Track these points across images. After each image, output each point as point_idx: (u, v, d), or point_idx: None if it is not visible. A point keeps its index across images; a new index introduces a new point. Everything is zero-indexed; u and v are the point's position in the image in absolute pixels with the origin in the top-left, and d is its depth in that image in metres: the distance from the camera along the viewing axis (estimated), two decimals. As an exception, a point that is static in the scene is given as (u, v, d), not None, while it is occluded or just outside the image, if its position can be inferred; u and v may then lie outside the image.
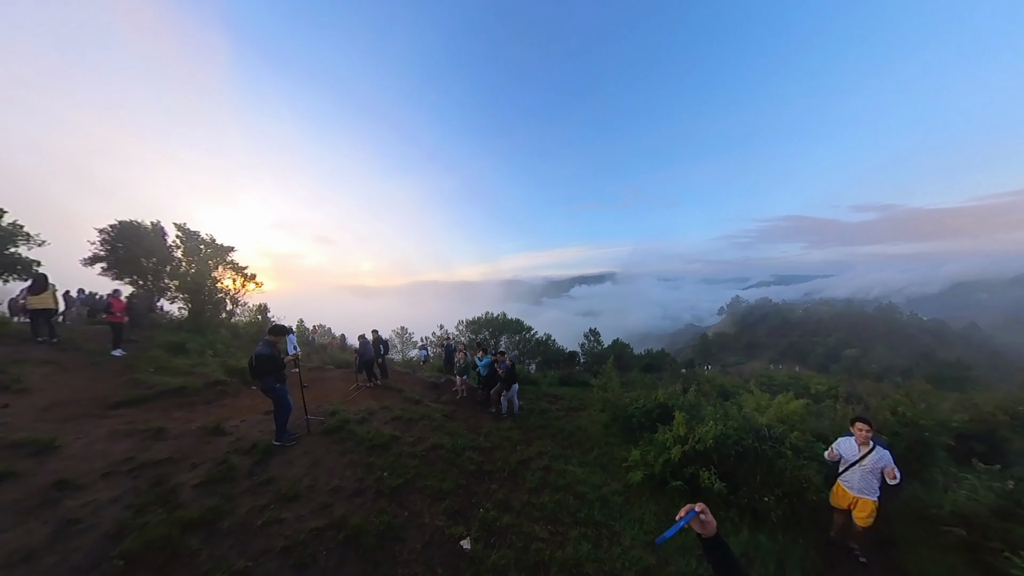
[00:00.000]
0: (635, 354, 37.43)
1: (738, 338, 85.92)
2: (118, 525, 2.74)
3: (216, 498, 3.25)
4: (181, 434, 4.49)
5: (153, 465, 3.69)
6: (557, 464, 4.91)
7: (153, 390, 6.03)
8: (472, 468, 4.56)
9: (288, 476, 3.78)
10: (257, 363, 4.37)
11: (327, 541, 2.87)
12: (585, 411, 8.08)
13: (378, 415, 6.17)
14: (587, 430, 6.56)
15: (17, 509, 2.81)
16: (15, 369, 5.48)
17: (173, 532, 2.70)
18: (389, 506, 3.46)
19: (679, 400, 6.01)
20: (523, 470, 4.69)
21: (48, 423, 4.30)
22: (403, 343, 31.27)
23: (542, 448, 5.48)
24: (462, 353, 9.60)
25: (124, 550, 2.48)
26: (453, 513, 3.53)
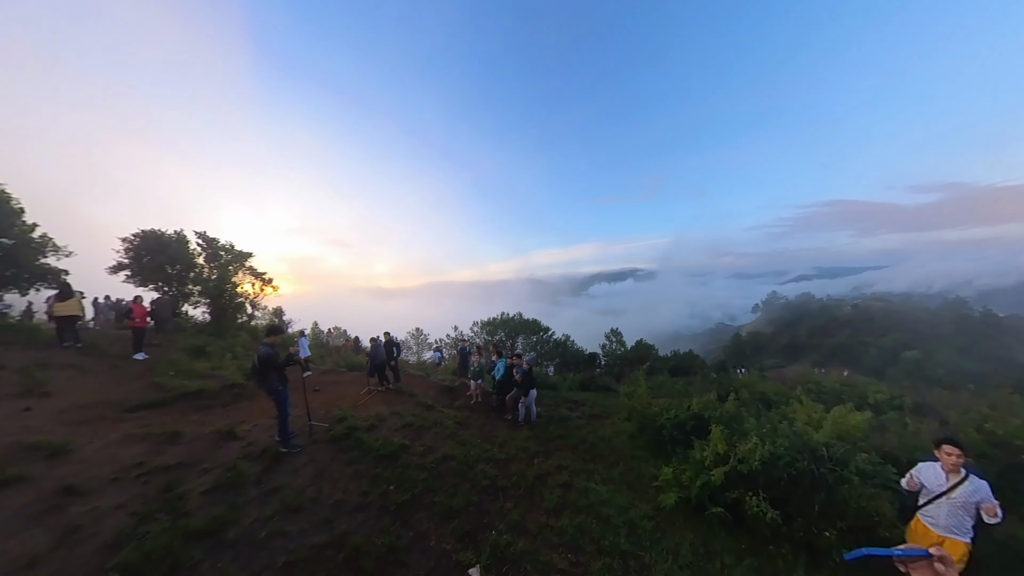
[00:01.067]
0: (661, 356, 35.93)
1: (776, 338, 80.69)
2: (119, 534, 2.69)
3: (223, 506, 3.19)
4: (195, 438, 4.54)
5: (163, 470, 3.71)
6: (578, 480, 4.60)
7: (171, 393, 6.23)
8: (485, 483, 4.32)
9: (294, 486, 3.69)
10: (260, 364, 4.36)
11: (327, 560, 2.72)
12: (609, 419, 7.70)
13: (388, 422, 6.04)
14: (611, 441, 6.22)
15: (25, 514, 2.84)
16: (40, 373, 5.79)
17: (175, 542, 2.62)
18: (393, 524, 3.27)
19: (716, 411, 5.50)
20: (540, 487, 4.41)
21: (65, 426, 4.45)
22: (418, 345, 31.70)
23: (562, 461, 5.18)
24: (477, 356, 9.42)
25: (121, 562, 2.41)
26: (462, 535, 3.30)
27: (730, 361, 44.15)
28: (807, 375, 11.68)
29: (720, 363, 36.13)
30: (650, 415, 6.10)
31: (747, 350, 63.64)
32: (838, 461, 3.73)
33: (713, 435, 4.25)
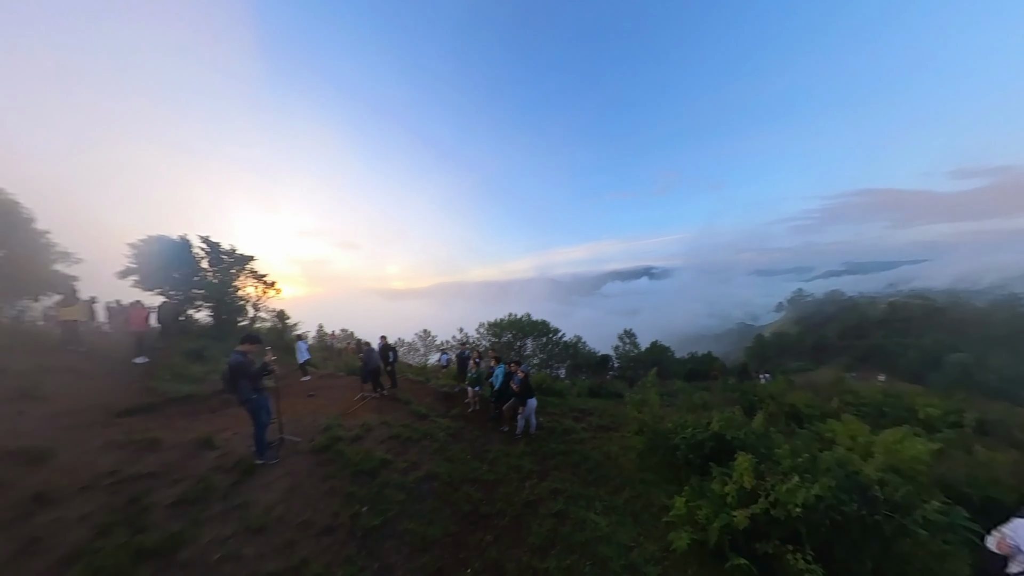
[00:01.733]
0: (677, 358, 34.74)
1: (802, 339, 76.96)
2: (76, 547, 2.75)
3: (184, 522, 3.21)
4: (173, 446, 4.63)
5: (135, 479, 3.79)
6: (575, 509, 4.19)
7: (162, 398, 6.46)
8: (467, 509, 4.06)
9: (262, 502, 3.69)
10: (231, 372, 4.32)
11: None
12: (617, 432, 7.24)
13: (375, 432, 5.98)
14: (618, 460, 5.73)
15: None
16: (38, 377, 6.08)
17: (125, 560, 2.64)
18: (359, 553, 3.15)
19: (741, 431, 4.70)
20: (529, 515, 4.04)
21: (54, 430, 4.64)
22: (426, 347, 31.98)
23: (558, 484, 4.78)
24: (475, 361, 9.32)
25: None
26: (433, 572, 3.08)
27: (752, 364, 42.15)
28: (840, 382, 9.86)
29: (741, 366, 34.67)
30: (662, 432, 5.42)
31: (770, 352, 61.03)
32: (898, 505, 3.05)
33: (738, 465, 3.60)
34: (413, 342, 30.75)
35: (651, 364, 32.09)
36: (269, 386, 5.17)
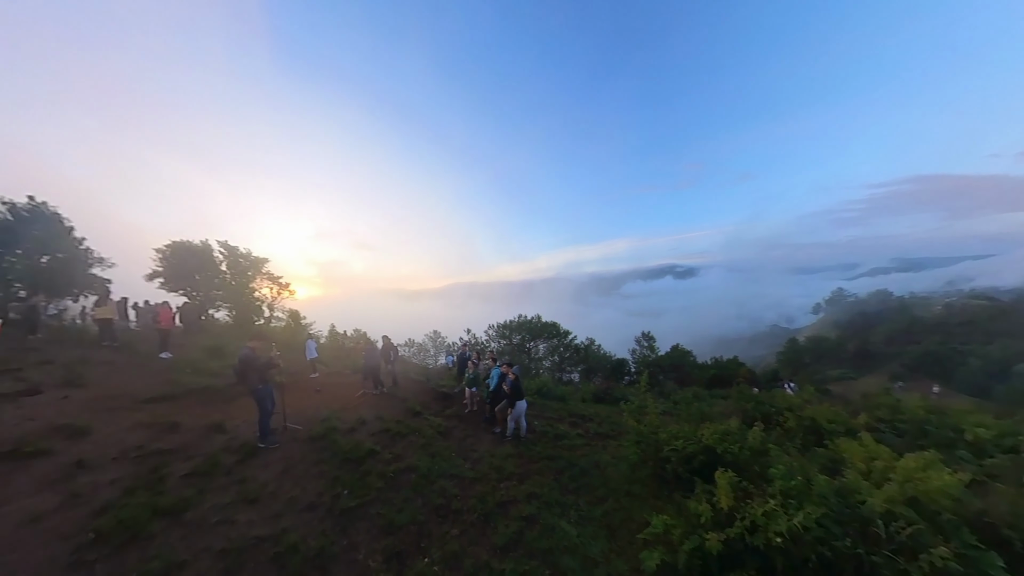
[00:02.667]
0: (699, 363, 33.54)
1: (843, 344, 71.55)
2: (106, 503, 3.44)
3: (192, 490, 3.87)
4: (190, 429, 5.41)
5: (156, 454, 4.53)
6: (547, 515, 4.20)
7: (182, 389, 7.36)
8: (439, 502, 4.28)
9: (259, 479, 4.30)
10: (240, 365, 5.06)
11: (259, 553, 3.15)
12: (616, 440, 7.18)
13: (368, 426, 6.55)
14: (606, 470, 5.65)
15: (43, 480, 3.71)
16: (79, 368, 7.12)
17: (143, 516, 3.29)
18: (332, 529, 3.58)
19: (735, 444, 4.38)
20: (499, 516, 4.13)
21: (91, 413, 5.51)
22: (435, 348, 32.88)
23: (536, 488, 4.81)
24: (473, 362, 9.69)
25: (98, 526, 3.12)
26: (393, 555, 3.33)
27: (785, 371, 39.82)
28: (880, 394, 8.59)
29: (771, 373, 33.08)
30: (654, 442, 5.12)
31: (806, 358, 57.35)
32: (903, 546, 2.67)
33: (719, 483, 3.34)
34: (423, 343, 31.67)
35: (670, 369, 31.31)
36: (277, 380, 5.85)
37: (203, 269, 14.16)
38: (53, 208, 11.33)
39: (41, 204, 11.12)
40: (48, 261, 11.17)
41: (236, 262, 15.03)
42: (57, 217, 11.33)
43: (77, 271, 11.58)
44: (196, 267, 13.88)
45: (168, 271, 13.11)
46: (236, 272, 14.96)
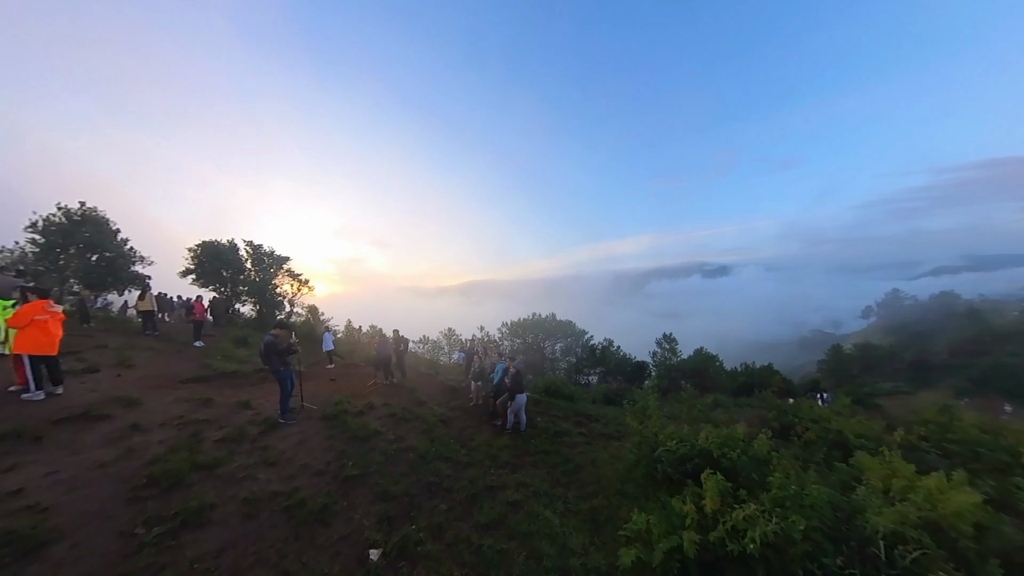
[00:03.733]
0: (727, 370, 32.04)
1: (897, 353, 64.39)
2: (155, 457, 4.23)
3: (222, 452, 4.62)
4: (222, 404, 6.29)
5: (195, 423, 5.36)
6: (533, 503, 4.45)
7: (214, 372, 8.41)
8: (432, 480, 4.71)
9: (278, 447, 5.03)
10: (265, 349, 5.88)
11: (273, 504, 3.79)
12: (618, 441, 7.40)
13: (376, 411, 7.21)
14: (601, 468, 5.86)
15: (106, 438, 4.57)
16: (128, 352, 8.34)
17: (184, 468, 4.04)
18: (336, 492, 4.18)
19: (735, 451, 4.28)
20: (486, 498, 4.45)
21: (140, 388, 6.49)
22: (450, 345, 33.85)
23: (527, 479, 5.12)
24: (478, 356, 10.23)
25: (149, 473, 3.90)
26: (384, 518, 3.79)
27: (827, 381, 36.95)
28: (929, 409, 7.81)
29: (812, 383, 30.84)
30: (648, 443, 5.19)
31: (852, 367, 52.78)
32: (907, 572, 2.50)
33: (706, 484, 3.35)
34: (437, 340, 32.67)
35: (693, 374, 30.41)
36: (296, 365, 6.60)
37: (230, 266, 15.58)
38: (101, 212, 12.92)
39: (91, 209, 12.72)
40: (97, 259, 12.76)
41: (260, 259, 16.41)
42: (105, 220, 12.92)
43: (122, 268, 13.15)
44: (224, 264, 15.31)
45: (199, 268, 14.59)
46: (260, 269, 16.34)
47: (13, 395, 5.33)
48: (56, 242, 11.71)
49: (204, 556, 3.02)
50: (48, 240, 11.61)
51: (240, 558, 3.06)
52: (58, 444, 4.31)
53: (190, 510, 3.44)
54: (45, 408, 5.11)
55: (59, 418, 4.84)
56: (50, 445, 4.27)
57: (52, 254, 11.77)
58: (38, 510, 3.24)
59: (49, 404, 5.26)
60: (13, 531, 2.93)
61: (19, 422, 4.56)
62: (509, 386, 7.27)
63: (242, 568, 2.97)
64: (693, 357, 32.38)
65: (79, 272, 12.51)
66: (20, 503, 3.29)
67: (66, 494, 3.50)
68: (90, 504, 3.41)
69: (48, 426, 4.62)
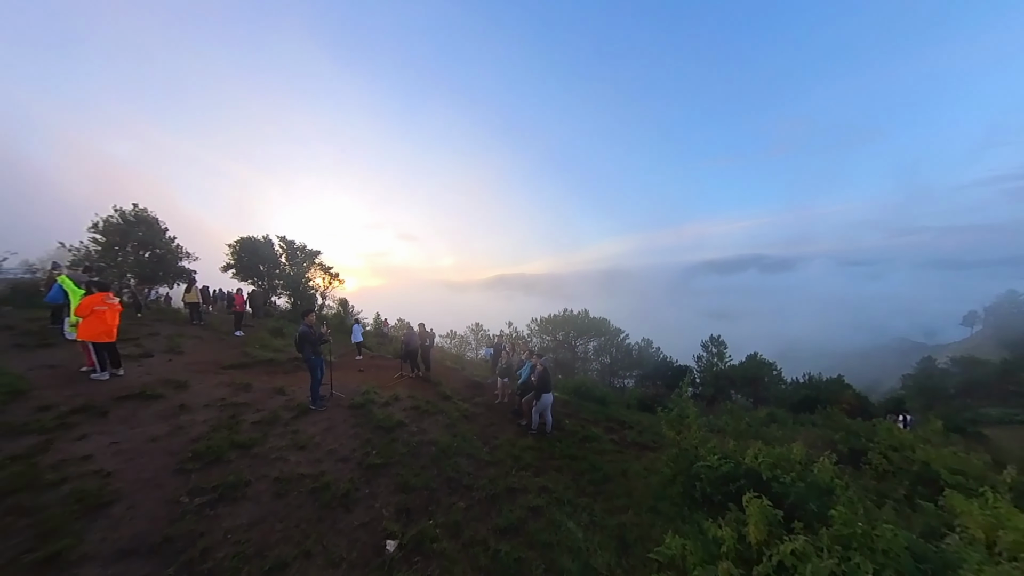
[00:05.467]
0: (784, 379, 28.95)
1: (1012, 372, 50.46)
2: (199, 435, 4.76)
3: (258, 433, 5.09)
4: (259, 390, 6.90)
5: (234, 406, 5.95)
6: (555, 511, 4.35)
7: (253, 360, 9.26)
8: (452, 475, 4.84)
9: (307, 432, 5.44)
10: (299, 340, 6.39)
11: (301, 485, 4.12)
12: (654, 453, 7.26)
13: (401, 402, 7.56)
14: (633, 480, 5.67)
15: (158, 415, 5.22)
16: (177, 340, 9.41)
17: (224, 445, 4.51)
18: (359, 479, 4.44)
19: (790, 475, 3.88)
20: (505, 500, 4.46)
21: (188, 373, 7.31)
22: (477, 340, 34.50)
23: (549, 483, 5.05)
24: (505, 352, 10.34)
25: (194, 448, 4.40)
26: (403, 510, 3.96)
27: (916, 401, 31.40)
28: None
29: (895, 401, 26.23)
30: (687, 456, 4.93)
31: (949, 387, 42.43)
32: None
33: (749, 509, 3.08)
34: (464, 335, 33.44)
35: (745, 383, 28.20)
36: (327, 358, 7.03)
37: (266, 261, 16.99)
38: (152, 213, 14.60)
39: (143, 210, 14.42)
40: (150, 256, 14.45)
41: (293, 254, 17.73)
42: (155, 220, 14.61)
43: (171, 264, 14.81)
44: (260, 259, 16.73)
45: (238, 263, 16.09)
46: (293, 263, 17.67)
47: (84, 375, 6.22)
48: (115, 241, 13.43)
49: (237, 528, 3.35)
50: (108, 239, 13.35)
51: (268, 533, 3.37)
52: (119, 418, 4.99)
53: (227, 484, 3.84)
54: (109, 387, 5.93)
55: (120, 396, 5.58)
56: (113, 419, 4.95)
57: (111, 252, 13.53)
58: (103, 475, 3.77)
59: (112, 384, 6.09)
60: (84, 490, 3.45)
61: (88, 398, 5.34)
62: (535, 384, 7.27)
63: (269, 543, 3.26)
64: (745, 363, 30.08)
65: (134, 268, 14.25)
66: (89, 467, 3.85)
67: (125, 462, 4.04)
68: (144, 472, 3.92)
69: (111, 402, 5.35)
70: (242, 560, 3.01)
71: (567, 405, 11.02)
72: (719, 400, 25.95)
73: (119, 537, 3.04)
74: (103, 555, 2.86)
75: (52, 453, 4.00)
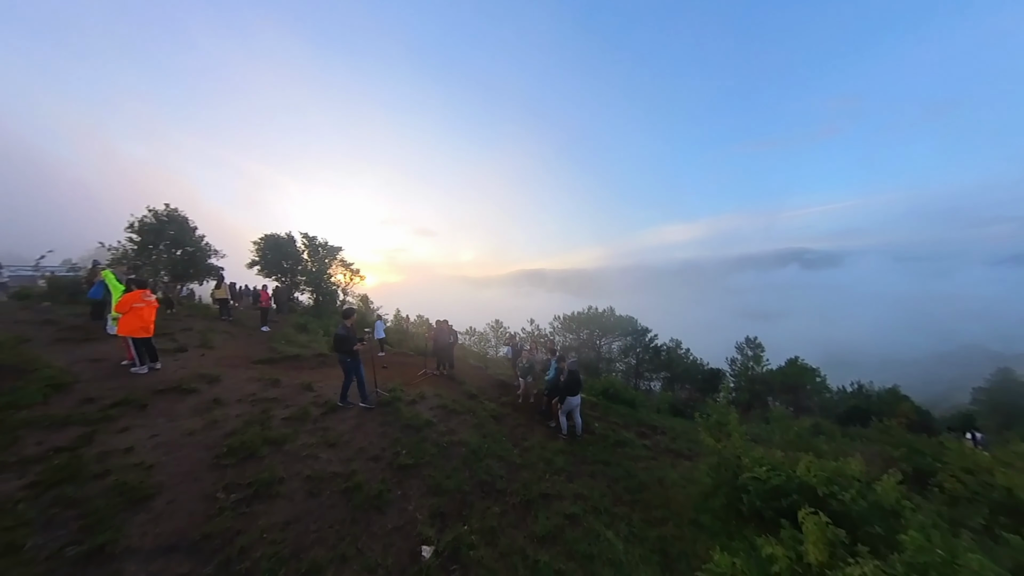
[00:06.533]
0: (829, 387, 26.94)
1: None
2: (233, 430, 4.87)
3: (289, 430, 5.16)
4: (287, 385, 7.06)
5: (264, 400, 6.09)
6: (592, 520, 4.29)
7: (280, 355, 9.55)
8: (484, 478, 4.80)
9: (337, 429, 5.48)
10: (335, 341, 6.42)
11: (333, 484, 4.11)
12: (690, 461, 7.08)
13: (428, 401, 7.57)
14: (671, 489, 5.54)
15: (194, 409, 5.40)
16: (209, 335, 9.82)
17: (257, 441, 4.59)
18: (391, 479, 4.41)
19: (850, 492, 3.60)
20: (541, 506, 4.41)
21: (220, 367, 7.58)
22: (497, 338, 34.52)
23: (585, 491, 4.98)
24: (528, 352, 10.22)
25: (229, 443, 4.49)
26: (436, 514, 3.92)
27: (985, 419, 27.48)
28: None
29: (962, 418, 23.21)
30: (730, 465, 4.72)
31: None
32: None
33: (806, 527, 2.93)
34: (484, 332, 33.50)
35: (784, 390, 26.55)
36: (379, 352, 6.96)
37: (289, 257, 17.59)
38: (182, 212, 15.38)
39: (174, 209, 15.22)
40: (181, 254, 15.25)
41: (315, 250, 18.28)
42: (185, 219, 15.39)
43: (200, 261, 15.57)
44: (284, 256, 17.35)
45: (263, 260, 16.76)
46: (315, 259, 18.22)
47: (124, 368, 6.55)
48: (149, 240, 14.26)
49: (272, 527, 3.36)
50: (143, 238, 14.18)
51: (303, 534, 3.36)
52: (158, 411, 5.20)
53: (262, 481, 3.88)
54: (148, 381, 6.21)
55: (158, 390, 5.83)
56: (152, 412, 5.16)
57: (147, 250, 14.37)
58: (144, 467, 3.89)
59: (151, 377, 6.38)
60: (126, 483, 3.56)
61: (129, 391, 5.59)
62: (562, 385, 7.18)
63: (304, 544, 3.24)
64: (784, 368, 28.39)
65: (167, 265, 15.09)
66: (131, 460, 3.99)
67: (164, 455, 4.16)
68: (182, 466, 4.02)
69: (151, 396, 5.59)
70: (278, 561, 2.99)
71: (595, 407, 10.83)
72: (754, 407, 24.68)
73: (159, 532, 3.09)
74: (144, 550, 2.91)
75: (95, 445, 4.18)
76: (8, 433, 4.16)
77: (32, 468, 3.66)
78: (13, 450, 3.91)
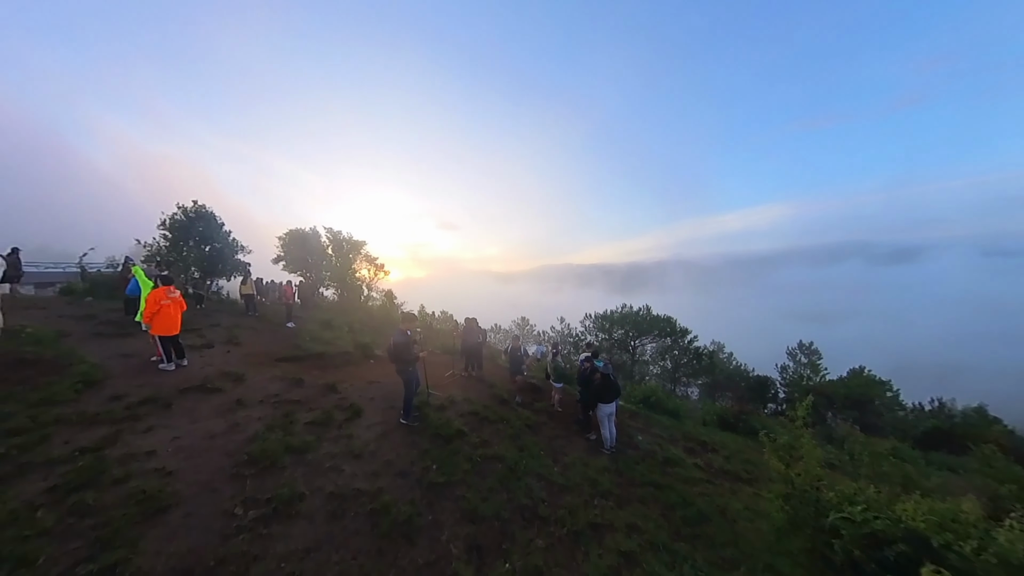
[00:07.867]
0: (902, 403, 24.54)
1: None
2: (255, 434, 4.78)
3: (312, 436, 5.01)
4: (311, 386, 7.02)
5: (288, 403, 6.03)
6: (651, 560, 3.92)
7: (304, 353, 9.65)
8: (525, 502, 4.48)
9: (362, 438, 5.28)
10: (394, 350, 5.83)
11: (358, 505, 3.85)
12: (751, 487, 6.57)
13: (457, 406, 7.27)
14: (737, 523, 5.09)
15: (217, 410, 5.40)
16: (235, 331, 10.13)
17: (279, 449, 4.45)
18: (420, 500, 4.11)
19: (970, 544, 3.08)
20: (591, 539, 4.07)
21: (245, 365, 7.70)
22: (524, 336, 34.18)
23: (638, 520, 4.60)
24: (553, 352, 9.80)
25: (250, 450, 4.37)
26: (474, 547, 3.59)
27: None
28: None
29: None
30: (812, 501, 4.19)
31: None
32: None
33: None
34: (510, 329, 33.24)
35: (848, 405, 24.06)
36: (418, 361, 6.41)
37: (313, 253, 18.06)
38: (210, 208, 16.08)
39: (202, 206, 15.91)
40: (209, 250, 15.94)
41: (339, 245, 18.66)
42: (213, 215, 16.08)
43: (228, 257, 16.25)
44: (308, 251, 17.83)
45: (288, 255, 17.30)
46: (339, 254, 18.60)
47: (152, 365, 6.73)
48: (180, 236, 14.99)
49: (291, 555, 3.13)
50: (174, 235, 14.93)
51: (323, 565, 3.10)
52: (182, 411, 5.22)
53: (281, 498, 3.69)
54: (174, 378, 6.33)
55: (184, 388, 5.89)
56: (176, 411, 5.19)
57: (178, 247, 15.14)
58: (164, 473, 3.82)
59: (177, 375, 6.51)
60: (144, 491, 3.47)
61: (156, 389, 5.69)
62: (594, 390, 6.80)
63: (324, 578, 2.97)
64: (847, 380, 25.91)
65: (197, 261, 15.87)
66: (151, 464, 3.94)
67: (185, 461, 4.09)
68: (202, 474, 3.92)
69: (176, 394, 5.65)
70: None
71: (635, 417, 10.23)
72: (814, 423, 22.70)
73: (173, 552, 2.94)
74: (156, 572, 2.75)
75: (119, 446, 4.18)
76: (40, 431, 4.25)
77: (56, 470, 3.66)
78: (41, 449, 3.96)
